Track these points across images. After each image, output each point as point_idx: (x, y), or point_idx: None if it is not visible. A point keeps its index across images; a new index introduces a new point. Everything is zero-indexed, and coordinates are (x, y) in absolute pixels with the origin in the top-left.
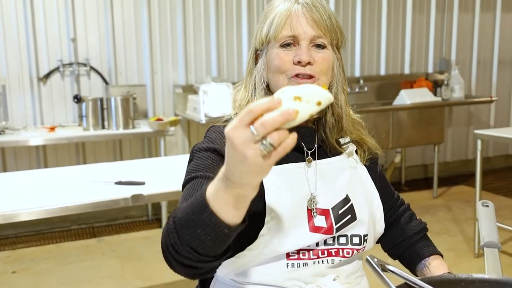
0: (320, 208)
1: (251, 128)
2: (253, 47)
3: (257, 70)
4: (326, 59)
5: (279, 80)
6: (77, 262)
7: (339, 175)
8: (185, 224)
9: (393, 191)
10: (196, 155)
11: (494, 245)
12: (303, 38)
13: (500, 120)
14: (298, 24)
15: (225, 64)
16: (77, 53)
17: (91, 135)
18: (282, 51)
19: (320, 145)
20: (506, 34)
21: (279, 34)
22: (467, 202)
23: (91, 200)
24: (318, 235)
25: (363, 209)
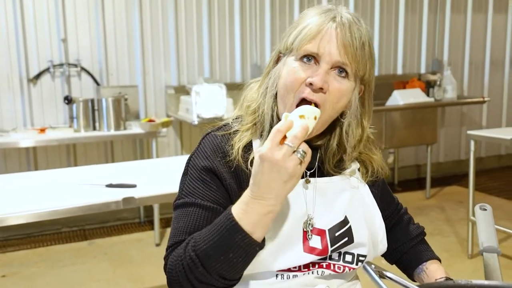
0: (317, 228)
1: (286, 143)
2: (277, 49)
3: (274, 72)
4: (341, 92)
5: (285, 94)
6: (68, 265)
7: (338, 196)
8: (213, 253)
9: (393, 197)
10: (192, 172)
11: (494, 250)
12: (326, 60)
13: (492, 120)
14: (326, 43)
15: (217, 65)
16: (68, 53)
17: (82, 137)
18: (300, 65)
19: (321, 163)
20: (498, 35)
21: (302, 47)
22: (460, 202)
23: (81, 204)
24: (312, 256)
25: (362, 231)
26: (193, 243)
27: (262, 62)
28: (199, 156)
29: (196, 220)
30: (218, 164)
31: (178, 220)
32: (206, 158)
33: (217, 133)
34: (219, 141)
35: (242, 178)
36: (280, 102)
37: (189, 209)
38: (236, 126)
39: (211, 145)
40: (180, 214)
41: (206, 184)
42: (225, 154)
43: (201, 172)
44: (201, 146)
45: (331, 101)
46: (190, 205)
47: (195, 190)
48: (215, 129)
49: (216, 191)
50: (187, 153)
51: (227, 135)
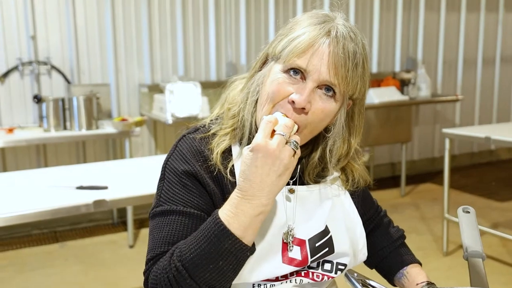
0: (297, 238)
1: (278, 133)
2: (265, 51)
3: (257, 78)
4: (324, 112)
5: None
6: (38, 269)
7: (320, 205)
8: (202, 262)
9: (373, 200)
10: (170, 177)
11: (478, 255)
12: (314, 78)
13: (465, 118)
14: (318, 59)
15: (192, 63)
16: (37, 51)
17: (52, 137)
18: (286, 78)
19: (302, 170)
20: (471, 34)
21: (291, 59)
22: (435, 200)
23: (50, 207)
24: (290, 267)
25: (343, 241)
26: (178, 253)
27: (237, 60)
28: (177, 159)
29: (179, 229)
30: (200, 169)
31: (159, 230)
32: (186, 162)
33: (195, 135)
34: (198, 144)
35: (223, 184)
36: (259, 108)
37: (170, 217)
38: (214, 128)
39: (190, 149)
40: (160, 223)
41: (187, 189)
42: (206, 159)
43: (181, 177)
44: (178, 149)
45: (313, 122)
46: (170, 213)
47: (175, 196)
48: (191, 131)
49: (199, 197)
50: (162, 153)
51: (206, 138)
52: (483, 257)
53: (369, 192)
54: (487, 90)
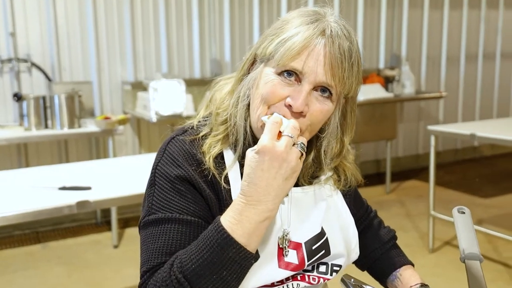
0: (293, 242)
1: (286, 134)
2: (253, 51)
3: (247, 81)
4: (322, 113)
5: (260, 108)
6: (20, 270)
7: (314, 206)
8: (205, 272)
9: (363, 201)
10: (161, 183)
11: (476, 257)
12: (310, 80)
13: (449, 115)
14: (313, 61)
15: (176, 60)
16: (17, 48)
17: (33, 136)
18: (280, 80)
19: None
20: (454, 31)
21: (285, 62)
22: (420, 197)
23: (32, 208)
24: (287, 272)
25: (339, 242)
26: (178, 263)
27: (221, 57)
28: (168, 163)
29: (176, 238)
30: (193, 173)
31: (154, 240)
32: (178, 166)
33: (185, 138)
34: (189, 147)
35: (218, 190)
36: (252, 112)
37: (165, 226)
38: (204, 129)
39: (181, 152)
40: (154, 233)
41: (181, 195)
42: (199, 162)
43: (174, 182)
44: (168, 152)
45: (312, 124)
46: (165, 221)
47: (169, 203)
48: (179, 133)
49: (195, 203)
50: (146, 151)
51: (196, 141)
52: (480, 259)
53: (359, 192)
54: (470, 87)
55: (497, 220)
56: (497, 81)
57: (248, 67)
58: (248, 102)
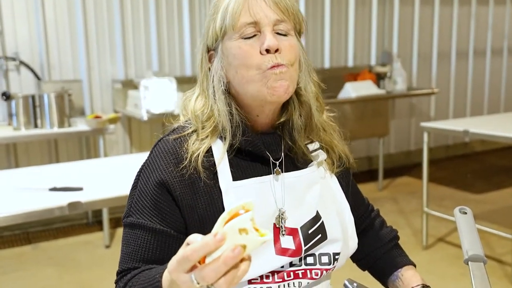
0: (288, 227)
1: (191, 276)
2: (203, 46)
3: (213, 71)
4: (293, 47)
5: (249, 74)
6: (9, 272)
7: (309, 190)
8: None
9: (363, 198)
10: (142, 187)
11: (480, 259)
12: (266, 23)
13: (440, 111)
14: (258, 7)
15: (166, 58)
16: (5, 46)
17: (22, 135)
18: (243, 42)
19: (288, 154)
20: (445, 27)
21: (237, 22)
22: (412, 193)
23: (22, 210)
24: (285, 258)
25: (335, 226)
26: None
27: None
28: (150, 167)
29: (144, 246)
30: (170, 175)
31: (127, 244)
32: (157, 169)
33: (169, 137)
34: (171, 146)
35: (196, 185)
36: (242, 89)
37: (137, 231)
38: (190, 127)
39: (163, 152)
40: (129, 236)
41: (156, 203)
42: (178, 160)
43: (152, 188)
44: (152, 154)
45: (289, 60)
46: (138, 226)
47: (144, 209)
48: (167, 133)
49: (168, 213)
50: (137, 150)
51: (181, 138)
52: (484, 261)
53: (359, 189)
54: (461, 83)
55: (489, 216)
56: (487, 77)
57: (207, 63)
58: (225, 87)
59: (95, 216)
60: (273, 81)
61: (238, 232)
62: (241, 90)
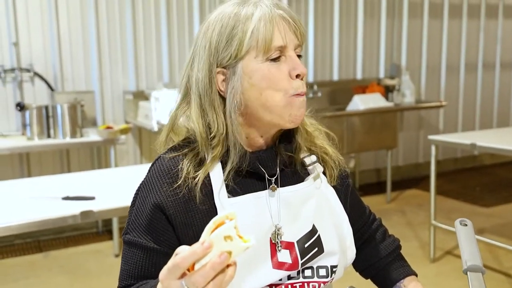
0: (285, 241)
1: (181, 282)
2: (212, 64)
3: (231, 93)
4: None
5: (275, 98)
6: (21, 279)
7: (304, 204)
8: None
9: (365, 207)
10: (139, 206)
11: (478, 269)
12: (291, 47)
13: (449, 124)
14: (287, 32)
15: (177, 70)
16: (20, 58)
17: (36, 145)
18: (273, 65)
19: (283, 169)
20: (453, 40)
21: (270, 45)
22: (420, 206)
23: (36, 218)
24: (282, 272)
25: (332, 239)
26: None
27: None
28: (146, 187)
29: (140, 264)
30: (164, 196)
31: (125, 261)
32: (152, 190)
33: (166, 155)
34: (167, 165)
35: (191, 203)
36: (262, 111)
37: (134, 250)
38: (187, 146)
39: (158, 172)
40: (126, 254)
41: (150, 223)
42: (173, 180)
43: (147, 209)
44: (149, 174)
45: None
46: (134, 245)
47: (140, 227)
48: (164, 152)
49: (161, 232)
50: (147, 161)
51: (176, 158)
52: (483, 271)
53: (359, 198)
54: (470, 96)
55: (498, 230)
56: (497, 90)
57: (216, 83)
58: (241, 111)
59: (105, 225)
60: (297, 109)
61: (224, 240)
62: (260, 112)
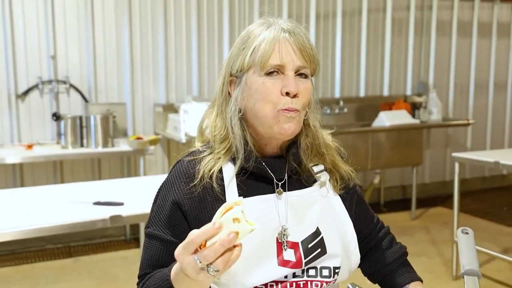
0: (290, 241)
1: (194, 257)
2: (226, 72)
3: (234, 98)
4: (308, 91)
5: (265, 110)
6: (52, 283)
7: (309, 207)
8: None
9: (372, 215)
10: (160, 203)
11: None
12: (290, 68)
13: (477, 142)
14: (287, 53)
15: (206, 83)
16: (57, 70)
17: (69, 154)
18: (267, 80)
19: (291, 175)
20: (482, 58)
21: (266, 62)
22: (445, 224)
23: (68, 221)
24: (286, 269)
25: (335, 242)
26: (145, 287)
27: None
28: (167, 186)
29: (158, 255)
30: (181, 193)
31: (145, 251)
32: (171, 188)
33: (185, 158)
34: (185, 167)
35: (206, 202)
36: (256, 120)
37: (153, 241)
38: (205, 151)
39: (177, 173)
40: (147, 245)
41: (169, 218)
42: (189, 180)
43: (166, 205)
44: (170, 175)
45: (304, 103)
46: (154, 237)
47: (160, 222)
48: (185, 155)
49: (178, 226)
50: None
51: (194, 161)
52: (478, 275)
53: (367, 206)
54: (498, 115)
55: None
56: None
57: (228, 88)
58: (241, 115)
59: (133, 233)
60: (283, 122)
61: (232, 221)
62: (255, 121)
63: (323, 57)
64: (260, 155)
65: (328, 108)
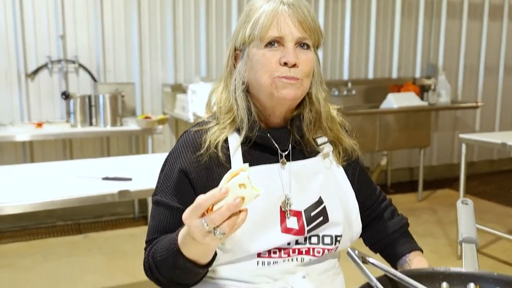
0: (293, 210)
1: (202, 221)
2: (231, 46)
3: (237, 71)
4: (310, 61)
5: (263, 78)
6: (62, 258)
7: (313, 177)
8: (164, 265)
9: (375, 187)
10: (167, 171)
11: (472, 241)
12: (289, 39)
13: (486, 125)
14: (285, 25)
15: (214, 64)
16: (66, 50)
17: (78, 132)
18: (267, 51)
19: (294, 146)
20: (493, 41)
21: (265, 34)
22: (452, 205)
23: (77, 195)
24: (289, 236)
25: (337, 211)
26: (153, 251)
27: None
28: (174, 155)
29: (166, 221)
30: (188, 162)
31: (153, 218)
32: (178, 157)
33: (192, 129)
34: (192, 137)
35: (213, 171)
36: (258, 90)
37: (160, 208)
38: (212, 122)
39: (184, 142)
40: (154, 212)
41: (176, 185)
42: (196, 149)
43: (173, 173)
44: (177, 144)
45: (305, 73)
46: (161, 204)
47: (167, 189)
48: (192, 126)
49: (185, 193)
50: None
51: (201, 131)
52: (476, 243)
53: (370, 179)
54: (508, 97)
55: None
56: None
57: (233, 61)
58: (245, 87)
59: (141, 211)
60: (281, 88)
61: (238, 187)
62: (258, 91)
63: (331, 39)
64: (265, 126)
65: (336, 89)
